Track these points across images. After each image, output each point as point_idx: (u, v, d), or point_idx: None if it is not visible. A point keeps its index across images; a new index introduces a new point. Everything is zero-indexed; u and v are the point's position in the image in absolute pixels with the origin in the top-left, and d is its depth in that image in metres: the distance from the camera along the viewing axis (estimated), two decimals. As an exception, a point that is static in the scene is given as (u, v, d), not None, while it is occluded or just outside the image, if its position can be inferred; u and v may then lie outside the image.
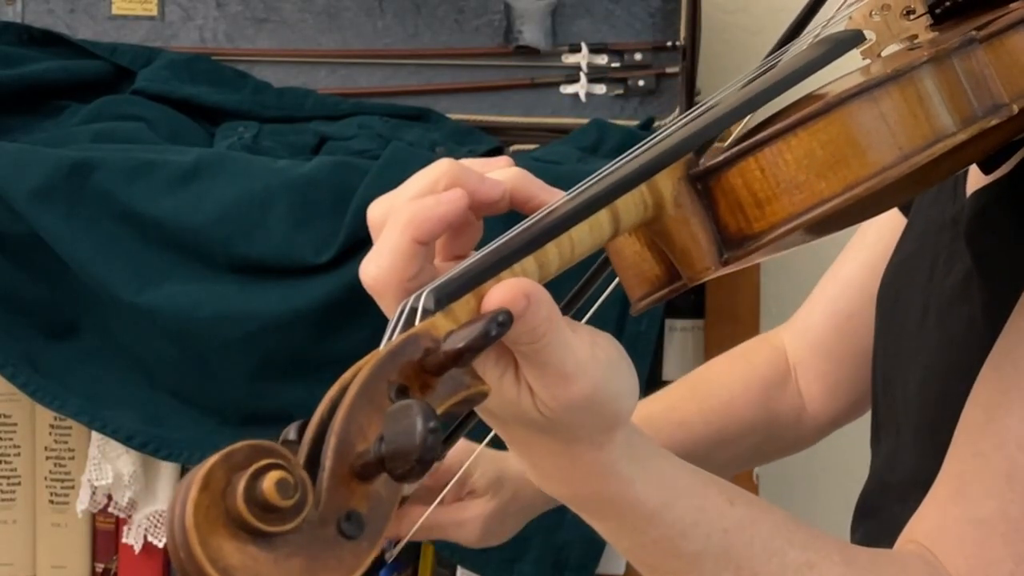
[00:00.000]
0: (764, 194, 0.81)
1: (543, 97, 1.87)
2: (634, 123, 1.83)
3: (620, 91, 1.86)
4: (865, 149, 0.81)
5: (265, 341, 1.63)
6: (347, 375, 0.68)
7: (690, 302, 1.75)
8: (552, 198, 0.79)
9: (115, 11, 1.91)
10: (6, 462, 1.77)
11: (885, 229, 1.25)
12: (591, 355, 0.77)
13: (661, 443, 0.88)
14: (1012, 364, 0.93)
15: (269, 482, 0.61)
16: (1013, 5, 0.91)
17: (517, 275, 0.75)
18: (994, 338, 0.96)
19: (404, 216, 0.76)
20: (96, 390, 1.69)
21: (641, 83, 1.85)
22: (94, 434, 1.72)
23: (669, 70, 1.85)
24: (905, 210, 1.19)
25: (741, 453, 1.31)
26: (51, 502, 1.78)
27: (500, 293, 0.73)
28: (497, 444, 0.95)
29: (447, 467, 1.20)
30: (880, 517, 1.11)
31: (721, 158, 0.82)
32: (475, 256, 0.75)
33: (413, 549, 1.73)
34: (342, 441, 0.64)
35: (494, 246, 0.75)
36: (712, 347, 1.63)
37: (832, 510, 1.37)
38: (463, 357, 0.69)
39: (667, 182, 0.81)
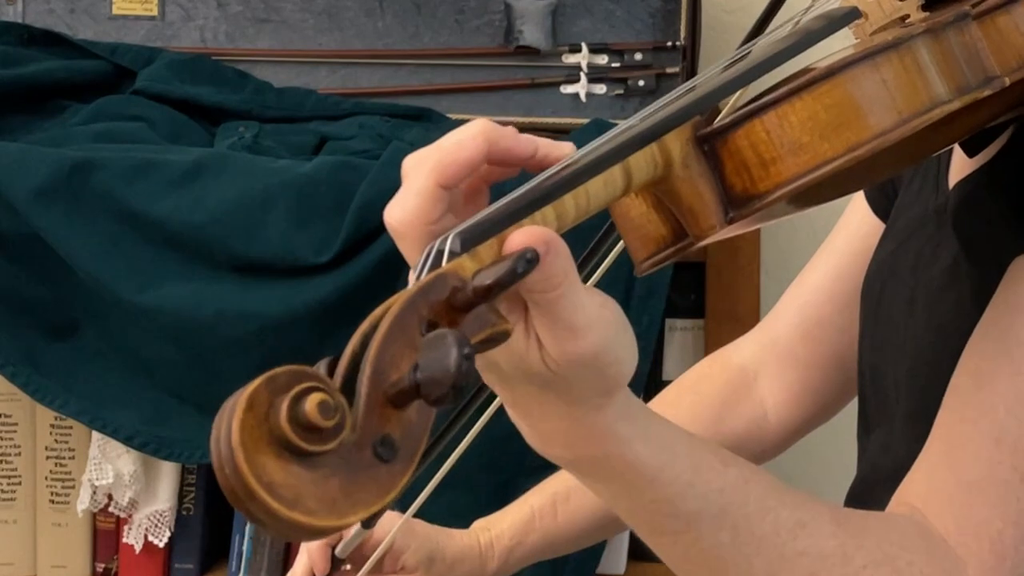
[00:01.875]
0: (769, 155, 0.84)
1: (543, 97, 1.87)
2: (634, 123, 1.83)
3: (620, 91, 1.86)
4: (867, 112, 0.84)
5: (265, 341, 1.63)
6: (377, 312, 0.71)
7: (690, 302, 1.75)
8: (560, 149, 0.82)
9: (115, 11, 1.91)
10: (6, 462, 1.77)
11: (854, 236, 1.27)
12: (600, 314, 0.79)
13: (602, 501, 0.91)
14: (999, 331, 0.95)
15: (311, 403, 0.64)
16: None
17: (537, 223, 0.77)
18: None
19: (429, 162, 0.79)
20: (96, 390, 1.69)
21: (641, 83, 1.85)
22: (94, 434, 1.72)
23: (669, 70, 1.85)
24: (884, 216, 1.20)
25: None
26: (52, 502, 1.78)
27: (523, 236, 0.75)
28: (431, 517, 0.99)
29: (377, 539, 1.24)
30: (873, 505, 1.12)
31: (727, 120, 0.85)
32: (498, 204, 0.78)
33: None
34: (377, 370, 0.67)
35: (516, 194, 0.78)
36: (712, 347, 1.63)
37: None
38: (491, 292, 0.71)
39: (676, 143, 0.84)
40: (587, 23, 1.87)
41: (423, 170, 0.78)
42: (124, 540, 1.77)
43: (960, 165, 1.05)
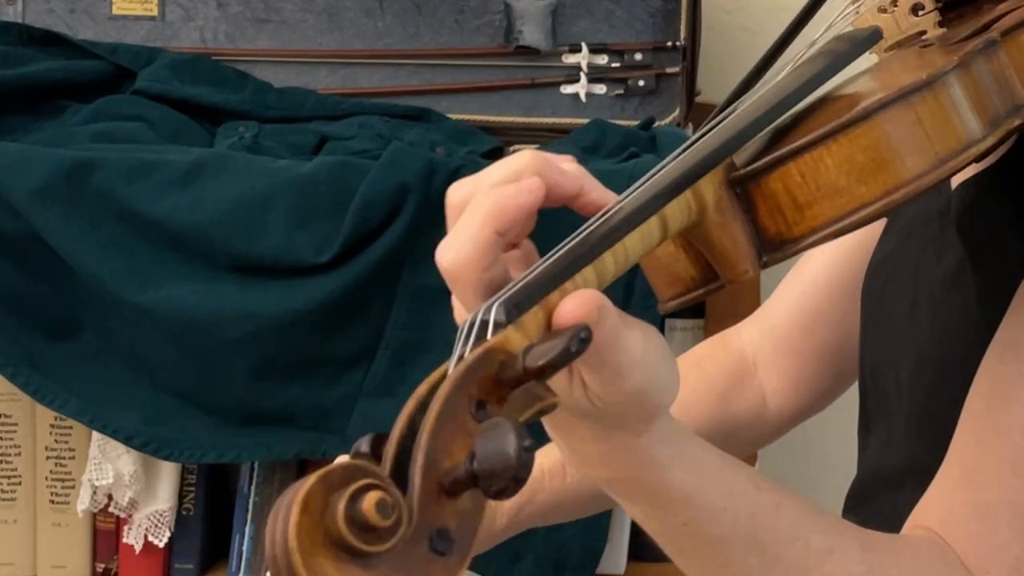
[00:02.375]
0: (804, 198, 0.83)
1: (543, 97, 1.87)
2: (634, 123, 1.83)
3: (620, 91, 1.86)
4: (904, 154, 0.83)
5: (265, 341, 1.63)
6: (422, 389, 0.69)
7: (690, 302, 1.75)
8: (605, 197, 0.81)
9: (115, 11, 1.91)
10: (6, 462, 1.77)
11: None
12: (643, 350, 0.79)
13: None
14: (1014, 353, 0.95)
15: (369, 502, 0.62)
16: (1012, 3, 0.92)
17: (579, 285, 0.76)
18: (989, 326, 0.97)
19: (486, 205, 0.77)
20: (96, 390, 1.69)
21: (641, 83, 1.85)
22: (94, 434, 1.72)
23: (669, 70, 1.85)
24: None
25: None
26: (51, 502, 1.78)
27: (573, 307, 0.74)
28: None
29: None
30: (875, 505, 1.12)
31: (761, 163, 0.83)
32: (538, 267, 0.76)
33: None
34: (430, 458, 0.65)
35: (555, 257, 0.76)
36: (712, 347, 1.63)
37: (832, 509, 1.37)
38: (544, 374, 0.70)
39: (710, 186, 0.82)
40: (587, 23, 1.87)
41: (478, 215, 0.77)
42: (124, 540, 1.77)
43: None
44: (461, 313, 0.80)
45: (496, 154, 1.79)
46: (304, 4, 1.89)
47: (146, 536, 1.76)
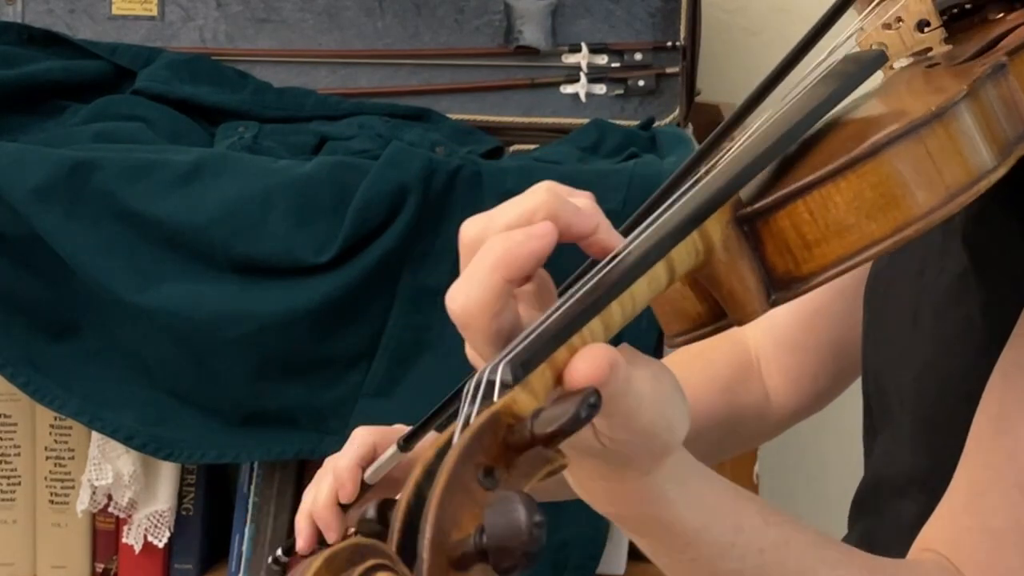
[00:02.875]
0: (813, 236, 0.81)
1: (543, 97, 1.87)
2: (634, 123, 1.83)
3: (620, 91, 1.86)
4: (915, 190, 0.81)
5: (265, 341, 1.63)
6: (428, 455, 0.67)
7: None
8: (612, 240, 0.79)
9: (115, 11, 1.91)
10: (6, 462, 1.77)
11: None
12: (653, 390, 0.77)
13: None
14: (1021, 374, 0.94)
15: None
16: (1018, 17, 0.91)
17: (585, 339, 0.74)
18: (992, 337, 0.96)
19: (496, 251, 0.75)
20: (96, 390, 1.69)
21: (641, 83, 1.85)
22: (94, 434, 1.72)
23: (669, 70, 1.85)
24: None
25: (700, 449, 1.30)
26: (51, 502, 1.78)
27: (584, 368, 0.72)
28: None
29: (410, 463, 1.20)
30: (878, 514, 1.11)
31: (769, 200, 0.81)
32: (544, 321, 0.74)
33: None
34: (438, 531, 0.63)
35: (561, 311, 0.74)
36: (712, 347, 1.62)
37: (832, 508, 1.37)
38: (553, 440, 0.68)
39: (716, 226, 0.81)
40: (587, 23, 1.87)
41: (488, 260, 0.75)
42: (124, 540, 1.77)
43: None
44: (474, 359, 0.79)
45: (496, 154, 1.79)
46: (304, 4, 1.89)
47: (146, 536, 1.76)
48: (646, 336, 1.63)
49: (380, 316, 1.66)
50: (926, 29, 0.97)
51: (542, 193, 0.77)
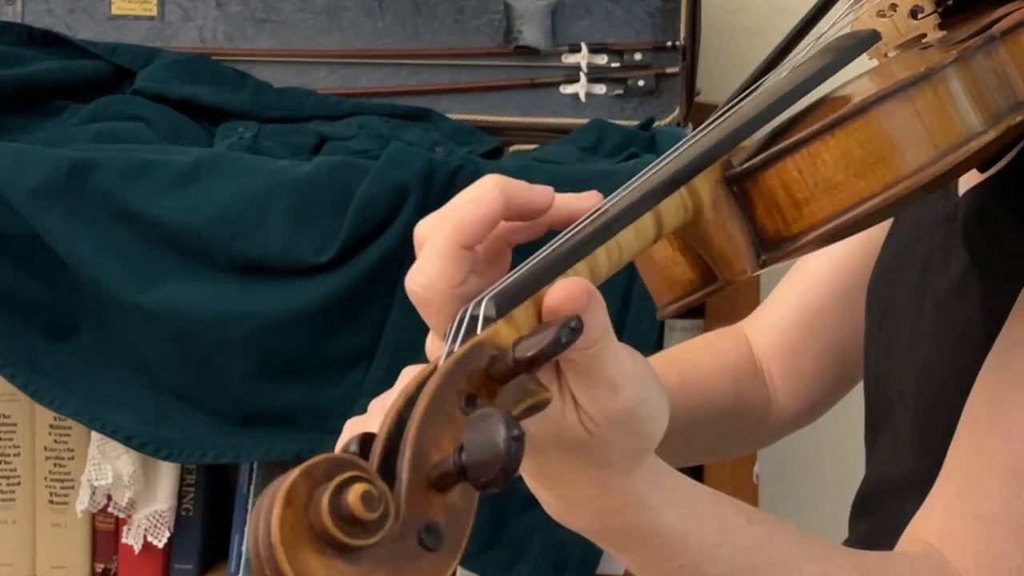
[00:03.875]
0: (802, 195, 0.81)
1: (543, 97, 1.87)
2: (634, 123, 1.83)
3: (620, 91, 1.86)
4: (903, 148, 0.81)
5: (265, 341, 1.63)
6: (409, 385, 0.68)
7: (690, 302, 1.74)
8: (585, 203, 0.80)
9: (115, 11, 1.91)
10: (6, 462, 1.77)
11: None
12: (635, 368, 0.77)
13: None
14: (1016, 359, 0.94)
15: (354, 495, 0.60)
16: (1013, 5, 0.91)
17: None
18: (993, 338, 0.96)
19: (447, 223, 0.76)
20: (96, 390, 1.69)
21: (641, 83, 1.85)
22: (94, 434, 1.72)
23: (669, 70, 1.85)
24: None
25: (705, 443, 1.28)
26: (51, 502, 1.78)
27: (561, 292, 0.73)
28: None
29: None
30: (879, 514, 1.11)
31: (757, 159, 0.82)
32: (529, 262, 0.75)
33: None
34: (417, 452, 0.64)
35: (546, 252, 0.75)
36: (712, 347, 1.62)
37: (833, 509, 1.37)
38: (534, 364, 0.68)
39: (705, 185, 0.81)
40: (587, 23, 1.87)
41: (442, 232, 0.76)
42: (123, 540, 1.77)
43: (970, 172, 1.03)
44: (434, 346, 0.79)
45: (496, 154, 1.79)
46: (304, 4, 1.89)
47: (145, 536, 1.76)
48: (647, 336, 1.63)
49: (380, 316, 1.65)
50: (920, 16, 0.97)
51: (491, 177, 0.78)
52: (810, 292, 1.28)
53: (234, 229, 1.63)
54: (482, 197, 0.76)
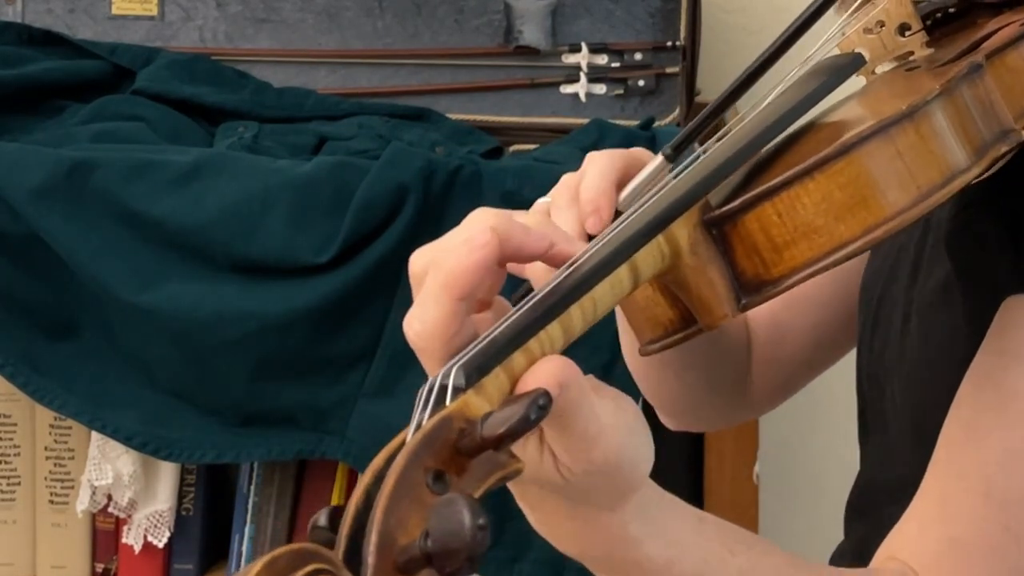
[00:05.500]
0: (782, 239, 0.80)
1: (543, 97, 1.87)
2: (634, 123, 1.83)
3: (620, 91, 1.86)
4: (884, 190, 0.80)
5: (265, 341, 1.63)
6: (378, 460, 0.66)
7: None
8: (574, 249, 0.78)
9: (115, 11, 1.91)
10: (6, 462, 1.77)
11: None
12: (615, 420, 0.76)
13: None
14: (992, 383, 0.93)
15: None
16: (1003, 19, 0.91)
17: (543, 342, 0.73)
18: (976, 345, 0.95)
19: (443, 270, 0.75)
20: (96, 390, 1.69)
21: (641, 83, 1.85)
22: (94, 434, 1.72)
23: (669, 70, 1.85)
24: None
25: (716, 372, 1.25)
26: (51, 502, 1.78)
27: (537, 373, 0.72)
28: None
29: None
30: (873, 517, 1.11)
31: (737, 203, 0.80)
32: (500, 325, 0.74)
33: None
34: (383, 535, 0.62)
35: (517, 315, 0.74)
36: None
37: (831, 509, 1.37)
38: (502, 442, 0.67)
39: (683, 230, 0.80)
40: (587, 23, 1.87)
41: (436, 282, 0.75)
42: (123, 540, 1.77)
43: None
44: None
45: (496, 154, 1.79)
46: (304, 4, 1.89)
47: (145, 536, 1.76)
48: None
49: (380, 316, 1.65)
50: (907, 33, 0.96)
51: (481, 213, 0.77)
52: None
53: (234, 229, 1.63)
54: (476, 240, 0.75)
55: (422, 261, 0.78)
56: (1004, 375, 0.92)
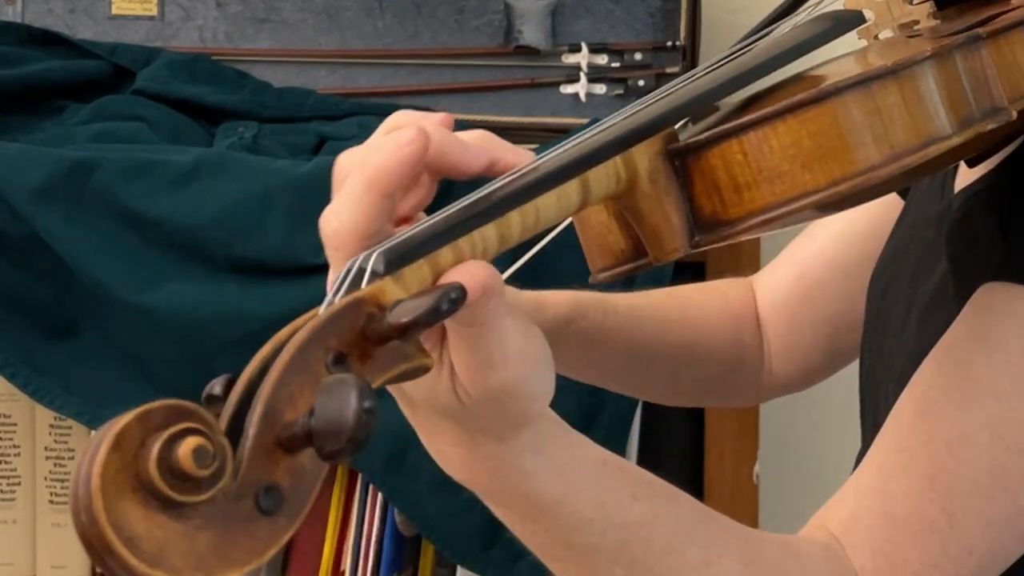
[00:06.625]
0: (744, 179, 0.78)
1: (543, 97, 1.87)
2: (634, 123, 1.83)
3: (620, 91, 1.86)
4: (855, 145, 0.78)
5: (265, 341, 1.62)
6: (283, 333, 0.65)
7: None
8: (520, 159, 0.76)
9: (115, 11, 1.91)
10: (6, 462, 1.77)
11: (868, 205, 1.21)
12: (522, 347, 0.75)
13: (639, 337, 0.91)
14: (955, 365, 0.91)
15: (185, 448, 0.57)
16: (1015, 1, 0.90)
17: (476, 243, 0.71)
18: None
19: (367, 169, 0.74)
20: (96, 390, 1.69)
21: (641, 83, 1.85)
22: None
23: (669, 70, 1.85)
24: (903, 193, 1.14)
25: (697, 380, 1.25)
26: (51, 502, 1.78)
27: (460, 273, 0.70)
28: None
29: None
30: None
31: (703, 136, 0.78)
32: (432, 218, 0.72)
33: (414, 549, 1.73)
34: (270, 408, 0.60)
35: (453, 209, 0.71)
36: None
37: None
38: (407, 331, 0.65)
39: (644, 156, 0.78)
40: (587, 23, 1.87)
41: (360, 179, 0.74)
42: (124, 540, 1.77)
43: (966, 170, 1.00)
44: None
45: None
46: (304, 4, 1.89)
47: (146, 536, 1.76)
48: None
49: (380, 316, 1.65)
50: (915, 1, 0.95)
51: (412, 121, 0.75)
52: (811, 260, 1.25)
53: (234, 229, 1.63)
54: (401, 137, 0.73)
55: (347, 160, 0.76)
56: (969, 359, 0.90)
